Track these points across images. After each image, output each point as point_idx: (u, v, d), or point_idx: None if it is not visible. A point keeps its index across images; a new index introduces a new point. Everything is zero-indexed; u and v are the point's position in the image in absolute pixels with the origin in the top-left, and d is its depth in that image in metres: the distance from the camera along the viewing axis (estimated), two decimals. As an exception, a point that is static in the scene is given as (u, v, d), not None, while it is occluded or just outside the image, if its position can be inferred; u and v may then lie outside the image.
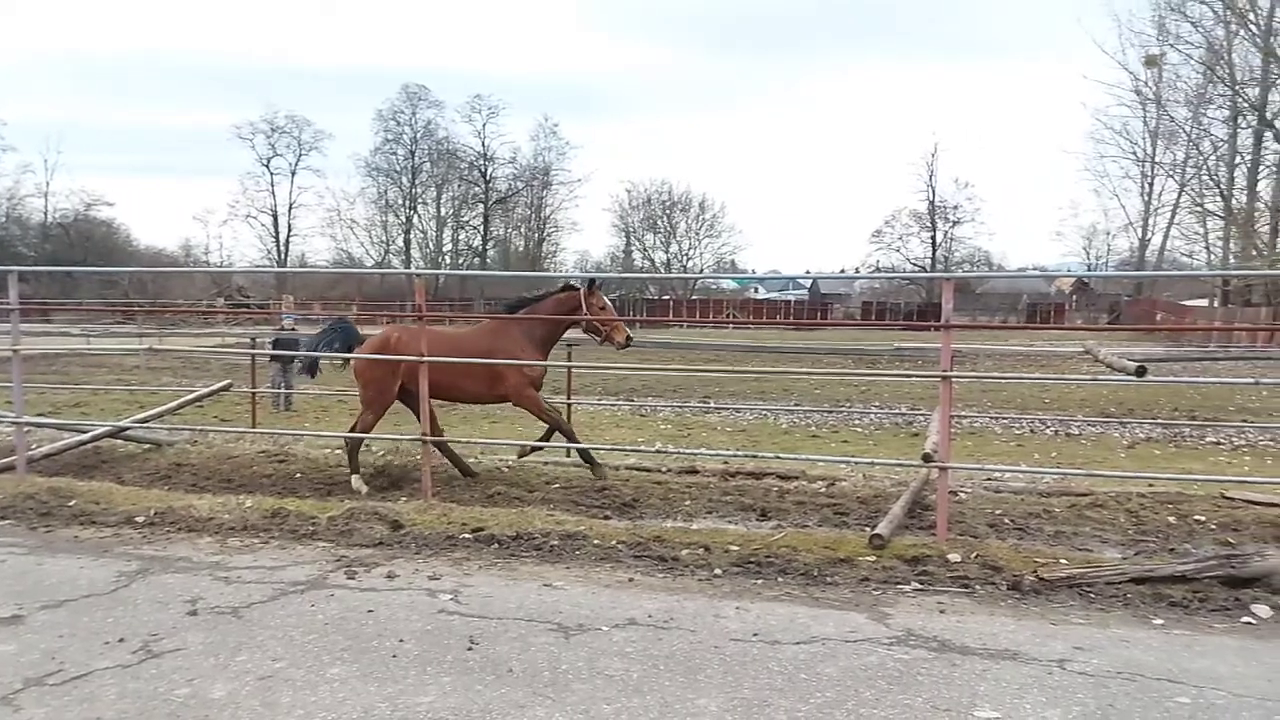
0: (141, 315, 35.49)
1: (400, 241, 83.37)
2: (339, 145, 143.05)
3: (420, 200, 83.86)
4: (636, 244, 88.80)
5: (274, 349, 17.29)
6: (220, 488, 8.42)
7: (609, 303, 8.82)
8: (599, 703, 3.97)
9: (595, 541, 6.36)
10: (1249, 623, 4.98)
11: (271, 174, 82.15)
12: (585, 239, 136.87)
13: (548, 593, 5.42)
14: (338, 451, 10.30)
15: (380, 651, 4.51)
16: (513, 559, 6.12)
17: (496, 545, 6.35)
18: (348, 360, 9.12)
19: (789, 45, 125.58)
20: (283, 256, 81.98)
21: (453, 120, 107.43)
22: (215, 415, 14.91)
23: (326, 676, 4.22)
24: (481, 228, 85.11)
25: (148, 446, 10.37)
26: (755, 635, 4.76)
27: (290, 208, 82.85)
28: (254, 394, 13.68)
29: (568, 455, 10.22)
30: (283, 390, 17.23)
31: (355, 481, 8.49)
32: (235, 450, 10.27)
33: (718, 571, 5.84)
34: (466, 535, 6.53)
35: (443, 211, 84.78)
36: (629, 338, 8.63)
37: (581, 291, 8.72)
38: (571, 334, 9.58)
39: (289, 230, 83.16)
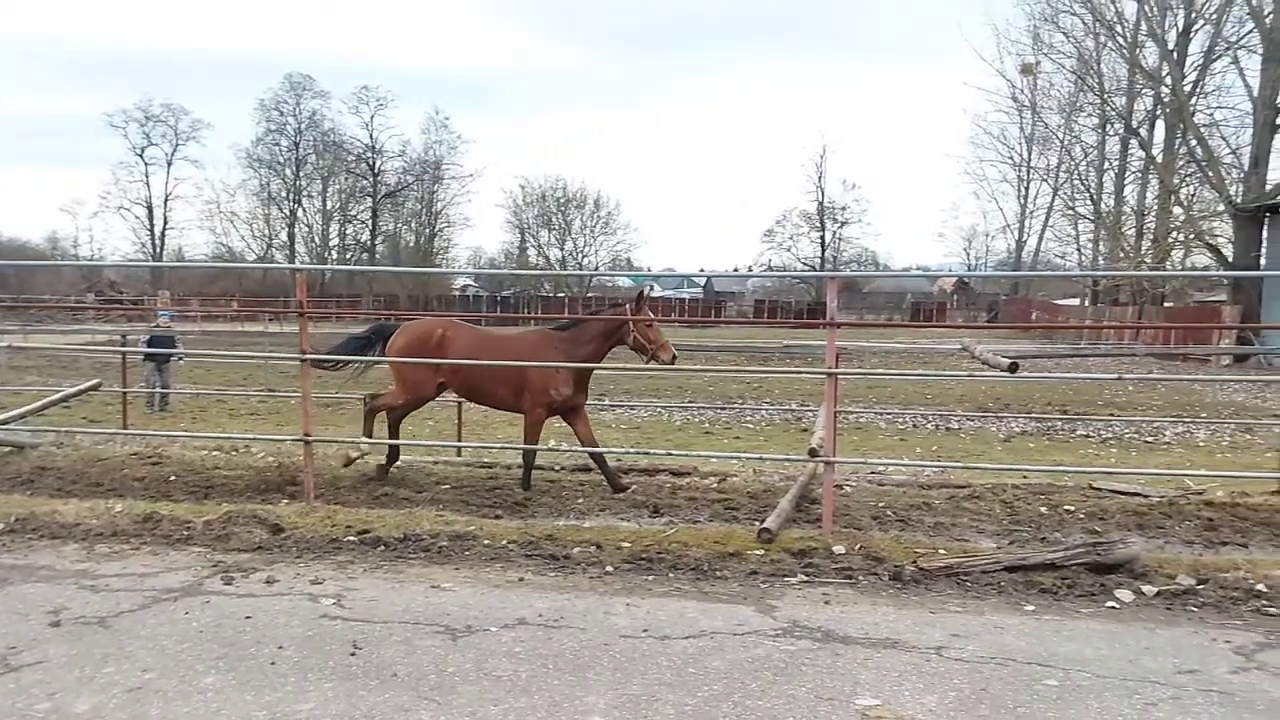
0: (2, 311, 33.53)
1: (284, 235, 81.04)
2: (218, 135, 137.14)
3: (305, 193, 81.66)
4: (531, 241, 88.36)
5: (149, 347, 16.55)
6: (88, 492, 8.00)
7: (654, 321, 8.42)
8: (486, 704, 3.91)
9: (486, 541, 6.29)
10: (1113, 607, 5.24)
11: (146, 164, 78.90)
12: (479, 235, 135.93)
13: (435, 595, 5.33)
14: (215, 453, 9.94)
15: (258, 659, 4.35)
16: (400, 561, 5.99)
17: (383, 548, 6.21)
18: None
19: (684, 45, 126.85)
20: (158, 250, 78.70)
21: (339, 111, 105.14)
22: (84, 416, 14.17)
23: (200, 686, 4.05)
24: (370, 222, 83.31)
25: (9, 449, 9.79)
26: (645, 631, 4.78)
27: (166, 200, 79.73)
28: (125, 394, 13.05)
29: (457, 455, 10.09)
30: (158, 390, 16.51)
31: (364, 446, 8.60)
32: (105, 453, 9.80)
33: (609, 569, 5.83)
34: (351, 538, 6.36)
35: (329, 205, 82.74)
36: (674, 357, 8.31)
37: (630, 306, 8.43)
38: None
39: (165, 223, 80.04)
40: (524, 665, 4.32)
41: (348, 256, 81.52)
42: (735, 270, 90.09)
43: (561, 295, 79.16)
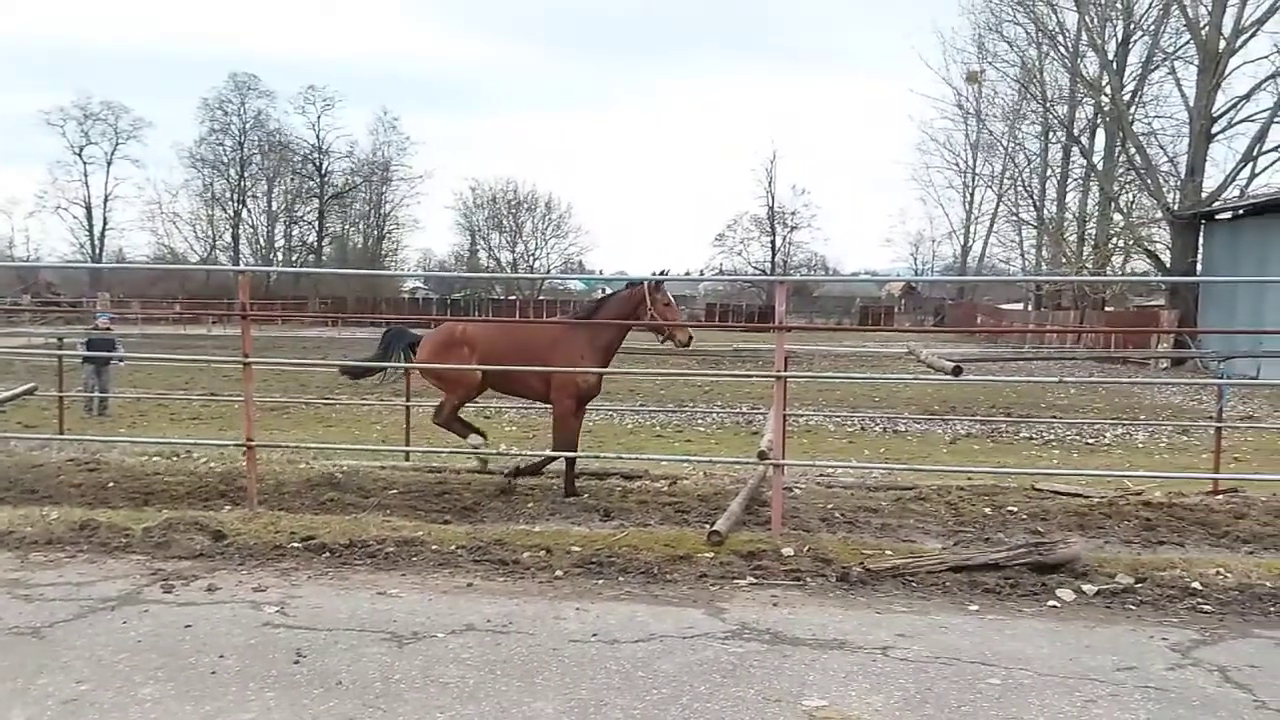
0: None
1: (228, 237, 79.72)
2: (160, 134, 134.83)
3: (250, 194, 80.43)
4: (482, 243, 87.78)
5: (87, 349, 16.15)
6: (22, 499, 7.77)
7: (673, 300, 8.52)
8: (432, 711, 3.87)
9: (434, 547, 6.22)
10: (1054, 606, 5.33)
11: (85, 163, 77.13)
12: (428, 237, 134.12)
13: (382, 601, 5.26)
14: (155, 459, 9.73)
15: (198, 669, 4.26)
16: (345, 568, 5.90)
17: (328, 554, 6.11)
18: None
19: (635, 49, 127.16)
20: (98, 252, 76.89)
21: (285, 111, 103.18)
22: (18, 421, 13.79)
23: (138, 698, 3.96)
24: (317, 223, 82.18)
25: (-62, 456, 9.49)
26: (594, 635, 4.76)
27: (106, 200, 78.05)
28: (62, 398, 12.73)
29: (406, 459, 9.98)
30: (96, 394, 16.11)
31: (473, 439, 8.47)
32: (40, 458, 9.55)
33: (559, 573, 5.81)
34: (296, 544, 6.25)
35: (274, 206, 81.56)
36: (690, 338, 8.41)
37: (647, 287, 8.43)
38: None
39: (105, 224, 78.31)
40: (472, 671, 4.28)
41: (294, 258, 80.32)
42: (687, 274, 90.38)
43: (513, 298, 78.77)
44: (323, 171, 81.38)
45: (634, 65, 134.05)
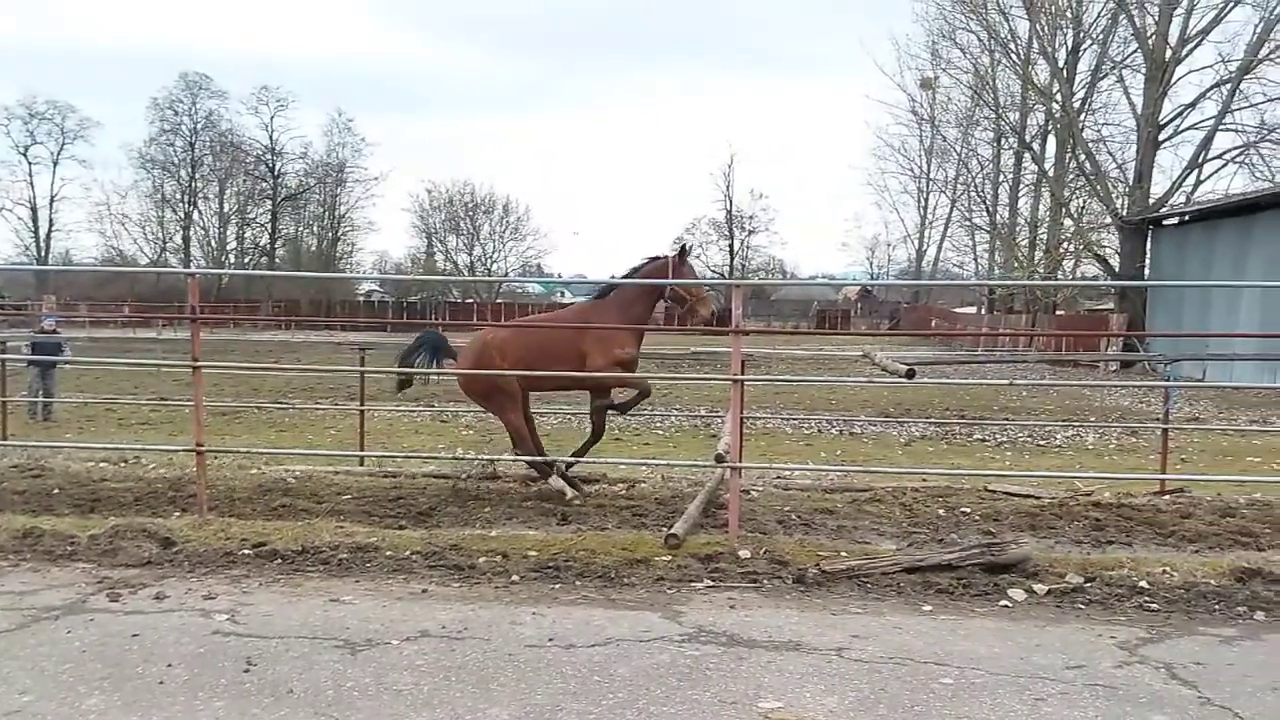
0: None
1: (179, 239, 78.27)
2: (108, 135, 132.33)
3: (201, 195, 79.00)
4: (439, 246, 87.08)
5: (32, 353, 15.78)
6: (-38, 507, 7.58)
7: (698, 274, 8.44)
8: (386, 719, 3.83)
9: (388, 553, 6.15)
10: (1006, 606, 5.40)
11: (30, 163, 75.32)
12: (384, 239, 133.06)
13: (335, 608, 5.19)
14: (102, 465, 9.53)
15: (145, 678, 4.18)
16: (297, 574, 5.82)
17: (280, 561, 6.02)
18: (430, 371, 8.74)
19: (592, 53, 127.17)
20: (43, 254, 75.20)
21: (237, 112, 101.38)
22: (-40, 427, 13.42)
23: (82, 709, 3.87)
24: (270, 225, 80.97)
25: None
26: (551, 640, 4.74)
27: (52, 200, 76.25)
28: (4, 402, 12.42)
29: (360, 464, 9.87)
30: (41, 399, 15.75)
31: (556, 482, 8.28)
32: (-18, 465, 9.29)
33: (515, 578, 5.77)
34: (247, 551, 6.16)
35: (226, 208, 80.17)
36: (714, 313, 8.32)
37: (672, 259, 8.35)
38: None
39: (50, 225, 76.53)
40: (426, 678, 4.24)
41: (246, 261, 79.12)
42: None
43: (470, 301, 78.25)
44: (276, 173, 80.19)
45: (594, 68, 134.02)
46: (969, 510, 7.94)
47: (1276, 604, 5.43)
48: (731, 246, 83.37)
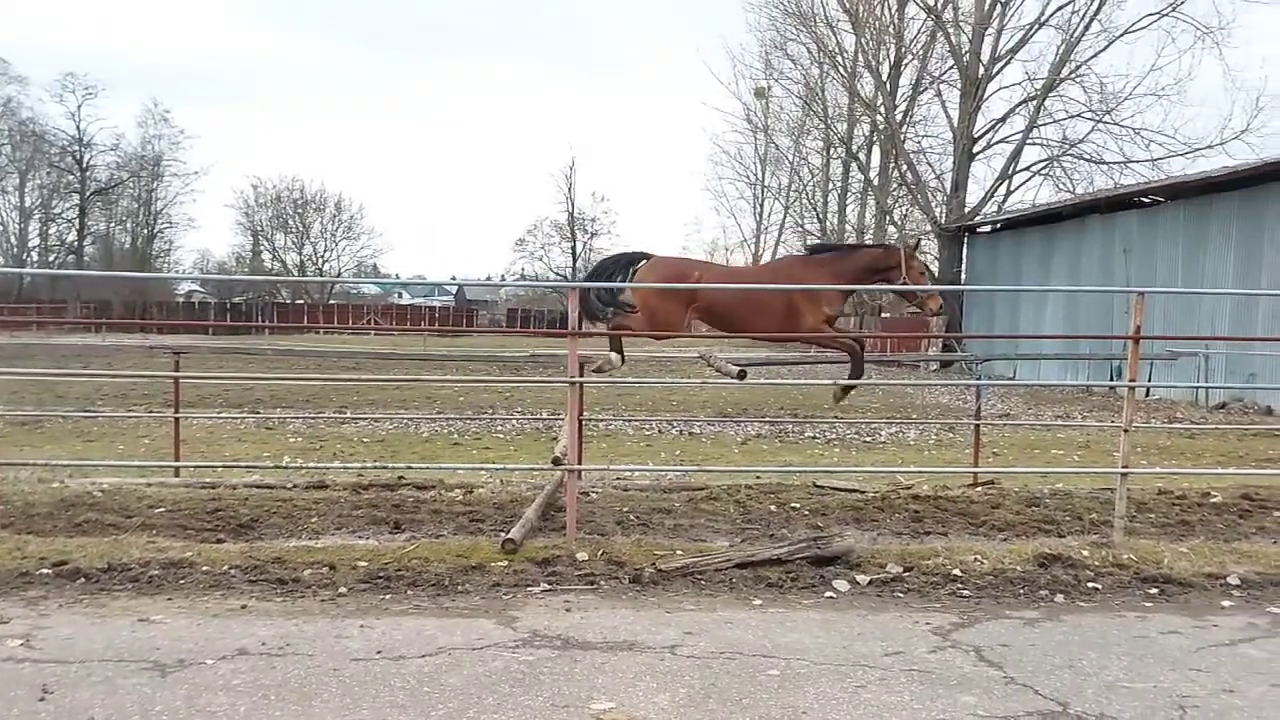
0: None
1: (-28, 235, 72.05)
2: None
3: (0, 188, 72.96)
4: (265, 244, 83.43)
5: None
6: None
7: (929, 269, 8.10)
8: (197, 745, 3.61)
9: (205, 568, 5.83)
10: (831, 597, 5.61)
11: None
12: (206, 237, 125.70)
13: (143, 628, 4.87)
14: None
15: (-81, 718, 3.80)
16: (103, 594, 5.43)
17: (83, 580, 5.61)
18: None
19: (427, 51, 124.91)
20: None
21: (40, 99, 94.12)
22: None
23: None
24: (77, 221, 75.52)
25: None
26: (379, 653, 4.59)
27: None
28: None
29: (175, 475, 9.32)
30: None
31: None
32: None
33: (343, 590, 5.57)
34: (45, 570, 5.70)
35: (28, 202, 74.24)
36: (941, 306, 8.01)
37: (904, 252, 8.08)
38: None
39: None
40: (243, 698, 4.02)
41: (51, 259, 73.49)
42: (487, 279, 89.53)
43: (301, 302, 75.29)
44: (84, 165, 74.80)
45: (429, 65, 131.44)
46: (799, 506, 8.20)
47: (1074, 587, 5.86)
48: (574, 248, 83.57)
